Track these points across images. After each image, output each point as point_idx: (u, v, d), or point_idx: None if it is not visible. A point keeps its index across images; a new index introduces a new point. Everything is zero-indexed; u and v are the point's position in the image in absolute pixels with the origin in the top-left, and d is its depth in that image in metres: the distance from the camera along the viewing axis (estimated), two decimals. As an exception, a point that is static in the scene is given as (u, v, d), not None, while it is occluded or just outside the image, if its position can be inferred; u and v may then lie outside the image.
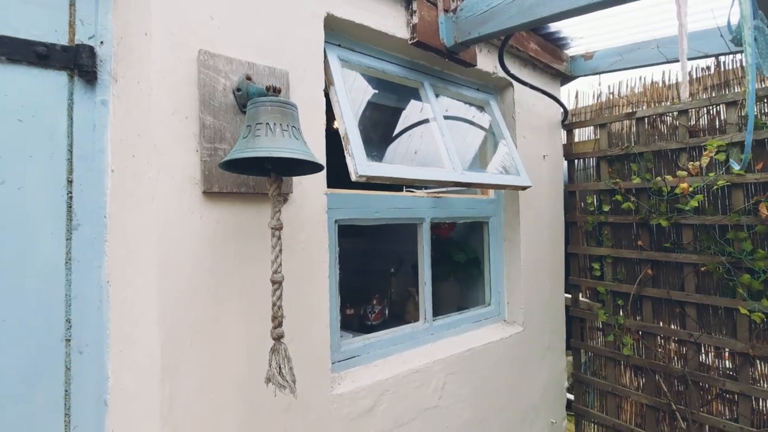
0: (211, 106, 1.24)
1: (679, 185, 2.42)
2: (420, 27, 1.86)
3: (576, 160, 3.07)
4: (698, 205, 2.42)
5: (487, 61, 2.30)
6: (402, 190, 2.95)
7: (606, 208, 2.84)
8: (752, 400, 2.27)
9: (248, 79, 1.27)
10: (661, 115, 2.65)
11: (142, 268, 1.16)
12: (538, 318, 2.62)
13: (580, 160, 3.06)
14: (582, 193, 3.03)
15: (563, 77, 2.90)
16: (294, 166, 1.21)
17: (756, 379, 2.28)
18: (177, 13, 1.21)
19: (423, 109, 2.15)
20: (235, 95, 1.29)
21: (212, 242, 1.25)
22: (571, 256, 3.06)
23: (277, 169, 1.18)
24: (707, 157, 2.29)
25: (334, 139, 1.64)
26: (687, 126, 2.52)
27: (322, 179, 1.55)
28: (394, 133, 2.31)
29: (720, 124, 2.42)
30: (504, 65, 2.21)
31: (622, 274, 2.81)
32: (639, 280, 2.69)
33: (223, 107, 1.27)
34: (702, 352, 2.48)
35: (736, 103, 2.33)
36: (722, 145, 2.30)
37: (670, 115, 2.61)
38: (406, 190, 2.95)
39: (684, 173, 2.46)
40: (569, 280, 3.05)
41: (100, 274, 1.19)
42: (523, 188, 2.34)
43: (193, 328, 1.20)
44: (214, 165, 1.22)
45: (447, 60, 2.03)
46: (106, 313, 1.19)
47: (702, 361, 2.48)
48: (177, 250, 1.18)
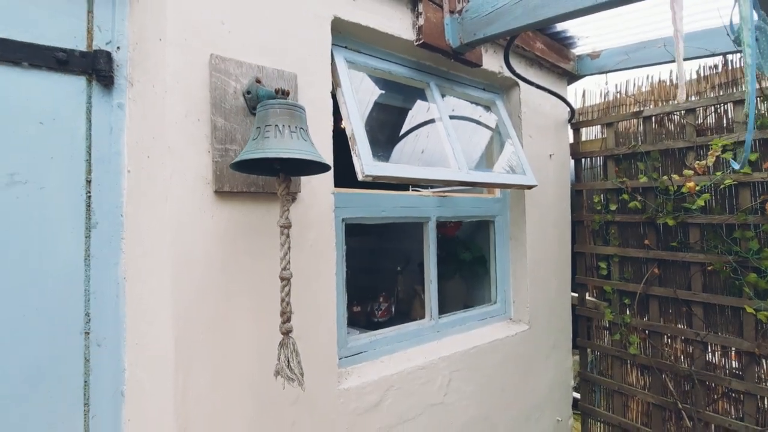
0: (223, 109, 1.28)
1: (686, 184, 2.42)
2: (426, 28, 1.88)
3: (583, 159, 3.07)
4: (705, 204, 2.42)
5: (492, 61, 2.32)
6: (408, 190, 2.98)
7: (613, 207, 2.85)
8: (758, 399, 2.27)
9: (258, 82, 1.31)
10: (669, 114, 2.65)
11: (157, 265, 1.21)
12: (544, 316, 2.64)
13: (587, 159, 3.06)
14: (589, 192, 3.03)
15: (570, 76, 2.91)
16: (302, 166, 1.25)
17: (762, 378, 2.27)
18: (190, 18, 1.25)
19: (429, 109, 2.18)
20: (246, 98, 1.33)
21: (223, 240, 1.29)
22: (578, 255, 3.07)
23: (286, 169, 1.22)
24: (713, 157, 2.28)
25: (342, 140, 1.68)
26: (694, 125, 2.51)
27: (329, 179, 1.58)
28: (401, 133, 2.34)
29: (728, 123, 2.41)
30: (509, 65, 2.23)
31: (629, 273, 2.81)
32: (646, 279, 2.69)
33: (234, 109, 1.31)
34: (708, 351, 2.48)
35: (744, 101, 2.32)
36: (728, 144, 2.30)
37: (678, 113, 2.61)
38: (413, 190, 2.98)
39: (690, 172, 2.45)
40: (576, 279, 3.06)
41: (117, 270, 1.24)
42: (529, 187, 2.36)
43: (206, 322, 1.25)
44: (225, 165, 1.27)
45: (453, 60, 2.06)
46: (123, 308, 1.24)
47: (708, 360, 2.47)
48: (189, 247, 1.22)
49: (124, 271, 1.25)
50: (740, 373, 2.35)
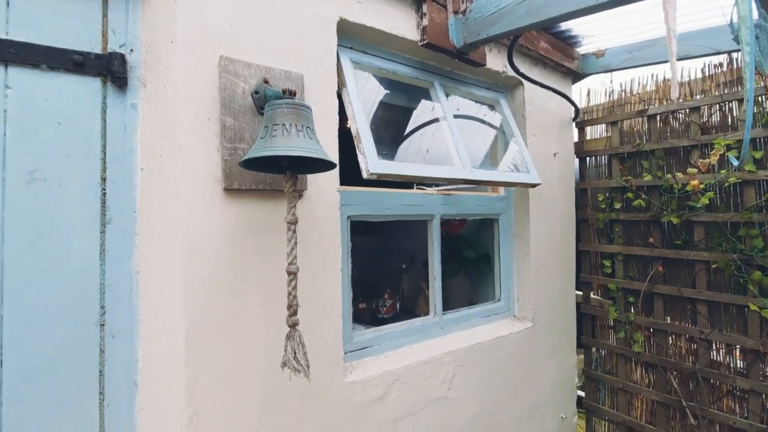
0: (232, 109, 1.33)
1: (690, 182, 2.42)
2: (430, 29, 1.91)
3: (588, 158, 3.09)
4: (709, 203, 2.42)
5: (496, 61, 2.34)
6: (413, 188, 3.01)
7: (617, 206, 2.86)
8: (762, 397, 2.27)
9: (265, 82, 1.35)
10: (673, 112, 2.65)
11: (169, 260, 1.26)
12: (548, 314, 2.66)
13: (591, 158, 3.07)
14: (593, 190, 3.05)
15: (575, 75, 2.92)
16: (308, 164, 1.29)
17: (767, 375, 2.28)
18: (200, 21, 1.30)
19: (433, 109, 2.21)
20: (254, 98, 1.37)
21: (232, 236, 1.34)
22: (583, 254, 3.08)
23: (293, 167, 1.26)
24: (716, 156, 2.29)
25: (347, 139, 1.72)
26: (699, 123, 2.52)
27: (335, 177, 1.62)
28: (405, 133, 2.37)
29: (732, 121, 2.41)
30: (513, 65, 2.25)
31: (634, 271, 2.82)
32: (650, 278, 2.70)
33: (243, 109, 1.35)
34: (713, 349, 2.48)
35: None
36: (731, 143, 2.30)
37: (682, 112, 2.61)
38: (417, 188, 3.01)
39: (694, 170, 2.46)
40: (580, 278, 3.07)
41: (131, 264, 1.29)
42: (533, 185, 2.38)
43: (215, 315, 1.29)
44: (234, 163, 1.31)
45: (457, 60, 2.08)
46: (136, 301, 1.29)
47: (713, 358, 2.48)
48: (200, 242, 1.27)
49: (138, 265, 1.29)
50: (745, 371, 2.35)
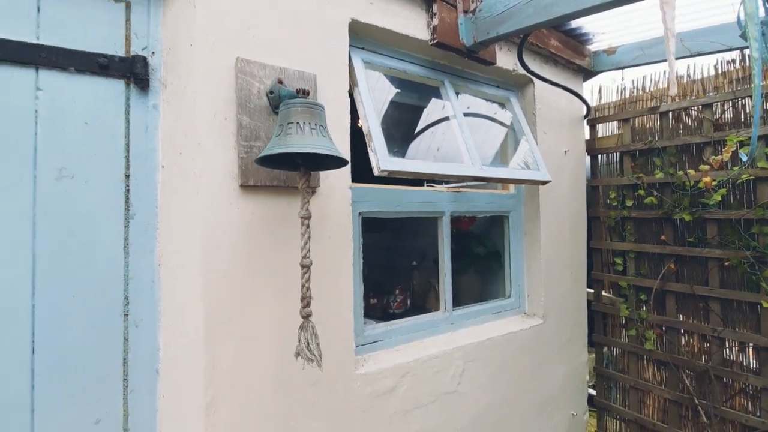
0: (247, 108, 1.38)
1: (702, 179, 2.41)
2: (440, 28, 1.95)
3: (599, 155, 3.08)
4: (722, 200, 2.41)
5: (507, 59, 2.36)
6: (423, 186, 3.04)
7: (629, 203, 2.85)
8: (776, 396, 2.26)
9: (280, 82, 1.40)
10: (686, 109, 2.64)
11: (188, 253, 1.31)
12: (558, 311, 2.67)
13: (603, 155, 3.07)
14: (605, 188, 3.04)
15: (586, 72, 2.92)
16: (321, 162, 1.34)
17: (781, 374, 2.26)
18: (218, 24, 1.35)
19: (444, 107, 2.24)
20: (269, 97, 1.42)
21: (248, 230, 1.39)
22: (594, 251, 3.07)
23: (306, 164, 1.31)
24: (728, 153, 2.28)
25: (359, 138, 1.76)
26: (712, 120, 2.50)
27: (346, 174, 1.67)
28: (416, 131, 2.40)
29: (745, 118, 2.39)
30: (523, 63, 2.27)
31: (645, 269, 2.81)
32: (662, 275, 2.69)
33: (258, 108, 1.40)
34: (725, 347, 2.46)
35: (762, 96, 2.30)
36: (743, 140, 2.28)
37: (695, 108, 2.60)
38: (427, 185, 3.04)
39: (706, 167, 2.44)
40: (592, 275, 3.07)
41: (153, 257, 1.35)
42: (543, 183, 2.39)
43: (232, 306, 1.35)
44: (250, 161, 1.36)
45: (467, 59, 2.11)
46: (158, 292, 1.35)
47: (725, 356, 2.46)
48: (217, 237, 1.32)
49: (159, 258, 1.36)
50: (757, 369, 2.33)
